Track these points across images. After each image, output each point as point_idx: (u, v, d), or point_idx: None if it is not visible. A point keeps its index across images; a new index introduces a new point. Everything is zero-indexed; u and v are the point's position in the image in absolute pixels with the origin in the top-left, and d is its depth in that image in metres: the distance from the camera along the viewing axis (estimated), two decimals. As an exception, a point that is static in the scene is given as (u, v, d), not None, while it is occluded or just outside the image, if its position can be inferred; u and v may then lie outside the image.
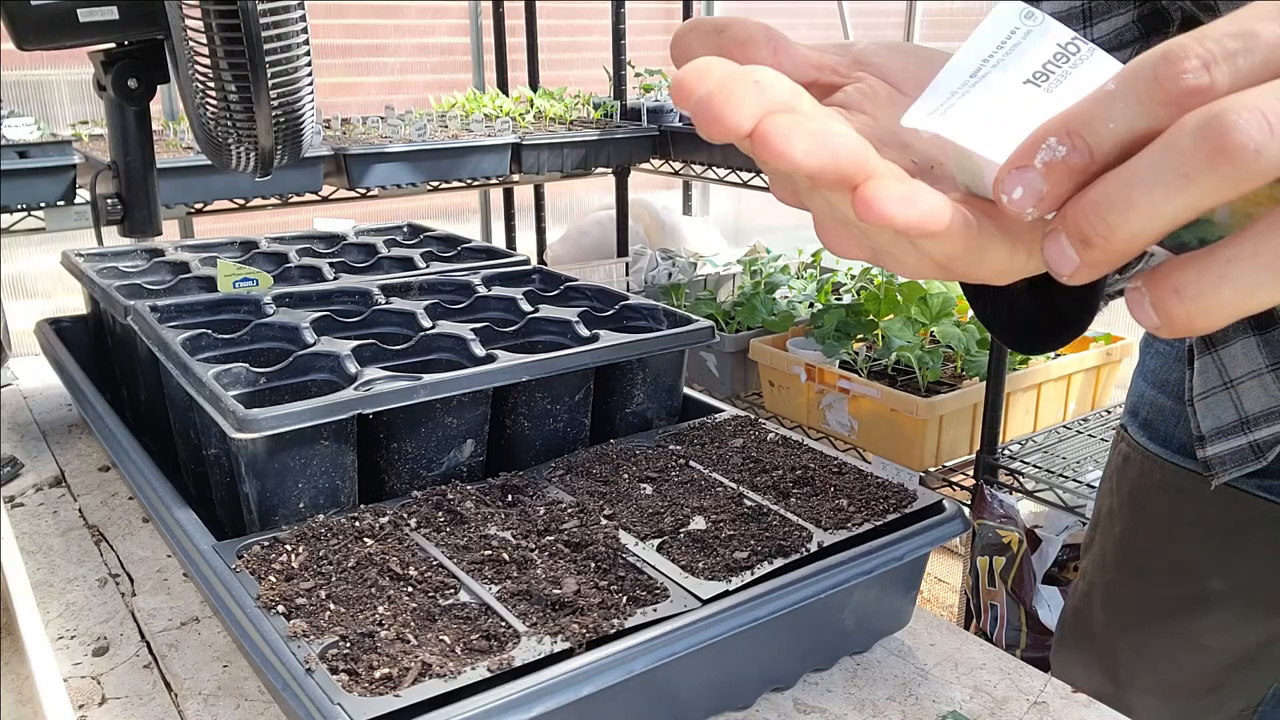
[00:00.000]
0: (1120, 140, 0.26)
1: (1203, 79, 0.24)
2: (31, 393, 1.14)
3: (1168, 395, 0.79)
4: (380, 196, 2.39)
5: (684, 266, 2.69)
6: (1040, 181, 0.27)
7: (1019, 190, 0.27)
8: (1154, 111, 0.25)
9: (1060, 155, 0.26)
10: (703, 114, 0.28)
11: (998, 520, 1.89)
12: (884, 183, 0.28)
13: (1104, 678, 0.83)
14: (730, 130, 0.28)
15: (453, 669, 0.49)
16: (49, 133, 2.03)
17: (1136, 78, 0.25)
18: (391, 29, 3.27)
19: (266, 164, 0.89)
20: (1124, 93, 0.26)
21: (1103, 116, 0.26)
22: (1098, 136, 0.26)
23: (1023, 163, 0.27)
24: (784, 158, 0.27)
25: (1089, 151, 0.26)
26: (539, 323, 0.86)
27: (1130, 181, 0.25)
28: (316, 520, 0.63)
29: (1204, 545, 0.76)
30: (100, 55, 0.95)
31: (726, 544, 0.61)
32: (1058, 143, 0.26)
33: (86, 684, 0.63)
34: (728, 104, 0.27)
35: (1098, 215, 0.26)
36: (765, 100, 0.28)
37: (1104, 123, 0.26)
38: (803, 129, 0.27)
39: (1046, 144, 0.27)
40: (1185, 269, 0.26)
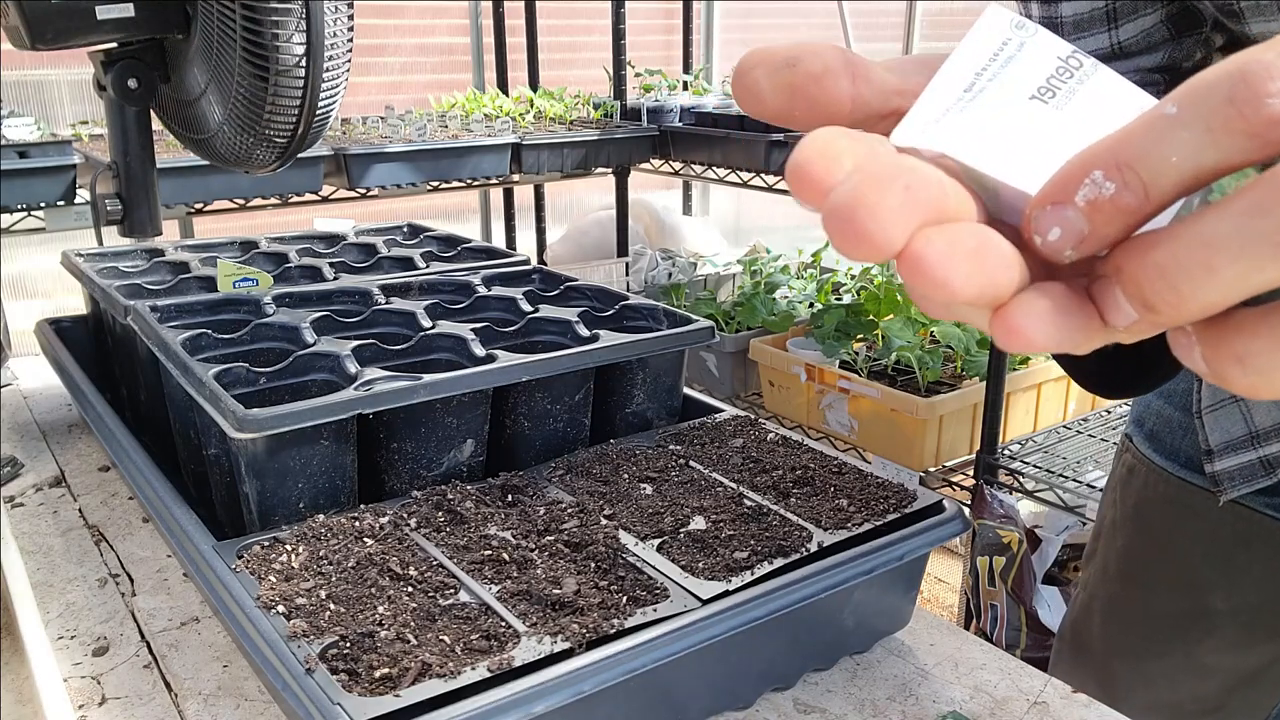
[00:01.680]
0: (1183, 177, 0.22)
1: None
2: (31, 393, 1.14)
3: (1175, 406, 0.76)
4: (380, 196, 2.39)
5: (684, 266, 2.69)
6: (1082, 222, 0.22)
7: (1056, 231, 0.23)
8: (1227, 143, 0.21)
9: (1108, 193, 0.22)
10: (843, 227, 0.23)
11: (998, 520, 1.89)
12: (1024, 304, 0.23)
13: (1101, 693, 0.81)
14: (877, 249, 0.23)
15: (453, 669, 0.49)
16: (49, 133, 2.03)
17: (1205, 101, 0.21)
18: (391, 29, 3.27)
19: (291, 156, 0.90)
20: (1189, 119, 0.21)
21: (1162, 148, 0.22)
22: (1155, 173, 0.22)
23: (1060, 198, 0.23)
24: (942, 287, 0.23)
25: (1143, 191, 0.22)
26: (539, 323, 0.86)
27: (1210, 246, 0.21)
28: (316, 520, 0.63)
29: (1208, 563, 0.74)
30: (100, 55, 0.95)
31: (726, 544, 0.61)
32: (1105, 178, 0.22)
33: (86, 684, 0.63)
34: (875, 218, 0.22)
35: (1166, 283, 0.22)
36: (918, 207, 0.23)
37: (1163, 156, 0.21)
38: (962, 248, 0.23)
39: (1091, 179, 0.22)
40: (1256, 335, 0.22)
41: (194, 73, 0.95)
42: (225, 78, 0.87)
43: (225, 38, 0.84)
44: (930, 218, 0.23)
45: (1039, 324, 0.23)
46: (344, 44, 0.86)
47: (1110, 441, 2.04)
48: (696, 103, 2.77)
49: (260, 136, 0.90)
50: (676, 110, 2.73)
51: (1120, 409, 2.19)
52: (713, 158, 2.57)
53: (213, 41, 0.87)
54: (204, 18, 0.86)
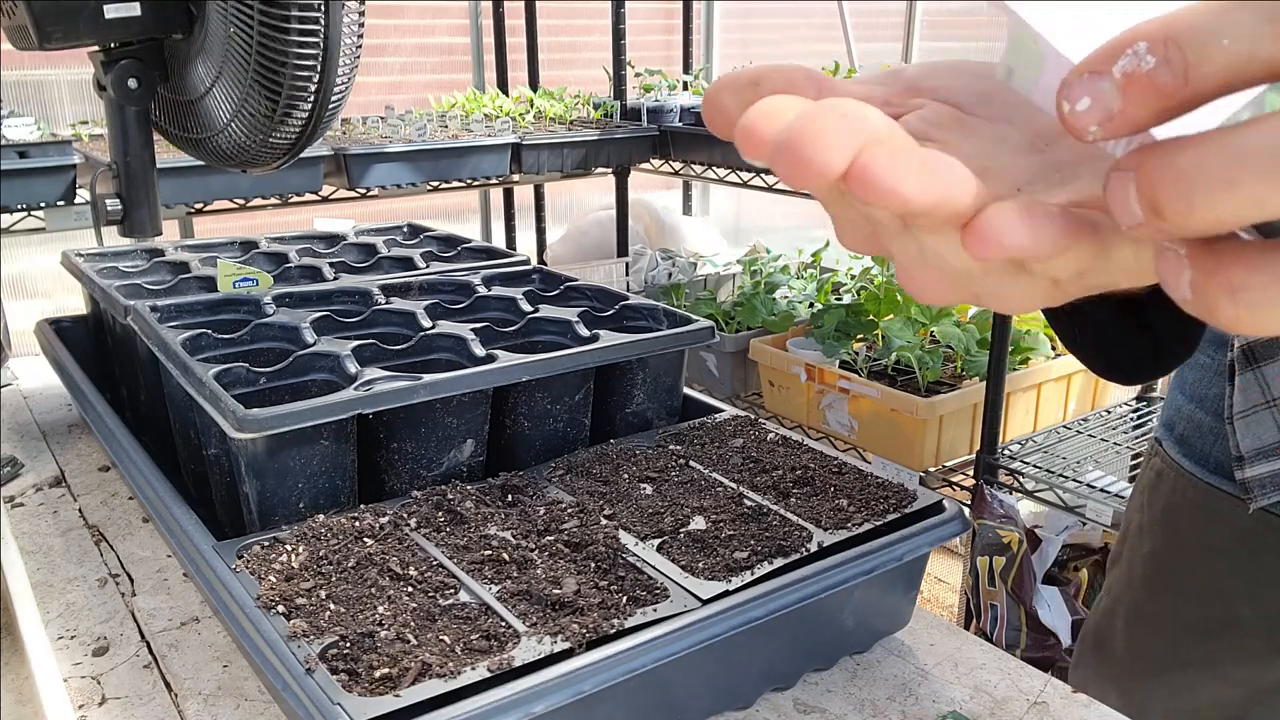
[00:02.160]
0: (1230, 66, 0.20)
1: None
2: (31, 393, 1.14)
3: (1206, 411, 0.75)
4: (380, 196, 2.39)
5: (684, 266, 2.69)
6: (1114, 96, 0.21)
7: (1085, 101, 0.21)
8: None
9: (1147, 67, 0.20)
10: (786, 158, 0.23)
11: (998, 520, 1.89)
12: (996, 211, 0.23)
13: (1122, 699, 0.80)
14: (821, 172, 0.23)
15: (453, 669, 0.49)
16: (49, 133, 2.03)
17: None
18: (391, 29, 3.27)
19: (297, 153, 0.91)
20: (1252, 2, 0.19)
21: (1216, 28, 0.20)
22: (1201, 53, 0.20)
23: (1098, 67, 0.21)
24: (892, 196, 0.23)
25: (1185, 71, 0.20)
26: (539, 323, 0.86)
27: (1239, 159, 0.19)
28: (316, 520, 0.63)
29: (1235, 570, 0.73)
30: (100, 55, 0.95)
31: (726, 544, 0.61)
32: (1148, 50, 0.20)
33: (86, 684, 0.63)
34: (815, 141, 0.23)
35: (1181, 188, 0.20)
36: (859, 132, 0.23)
37: (1215, 37, 0.20)
38: (908, 160, 0.23)
39: (1134, 49, 0.21)
40: (1255, 269, 0.21)
41: (197, 71, 0.95)
42: (237, 75, 0.88)
43: (240, 34, 0.85)
44: (877, 141, 0.23)
45: (1011, 225, 0.23)
46: (355, 41, 0.87)
47: (1110, 441, 2.04)
48: (696, 103, 2.77)
49: (270, 133, 0.91)
50: (676, 110, 2.73)
51: (1120, 410, 2.19)
52: (713, 158, 2.57)
53: (223, 39, 0.88)
54: (215, 16, 0.87)
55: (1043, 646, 1.84)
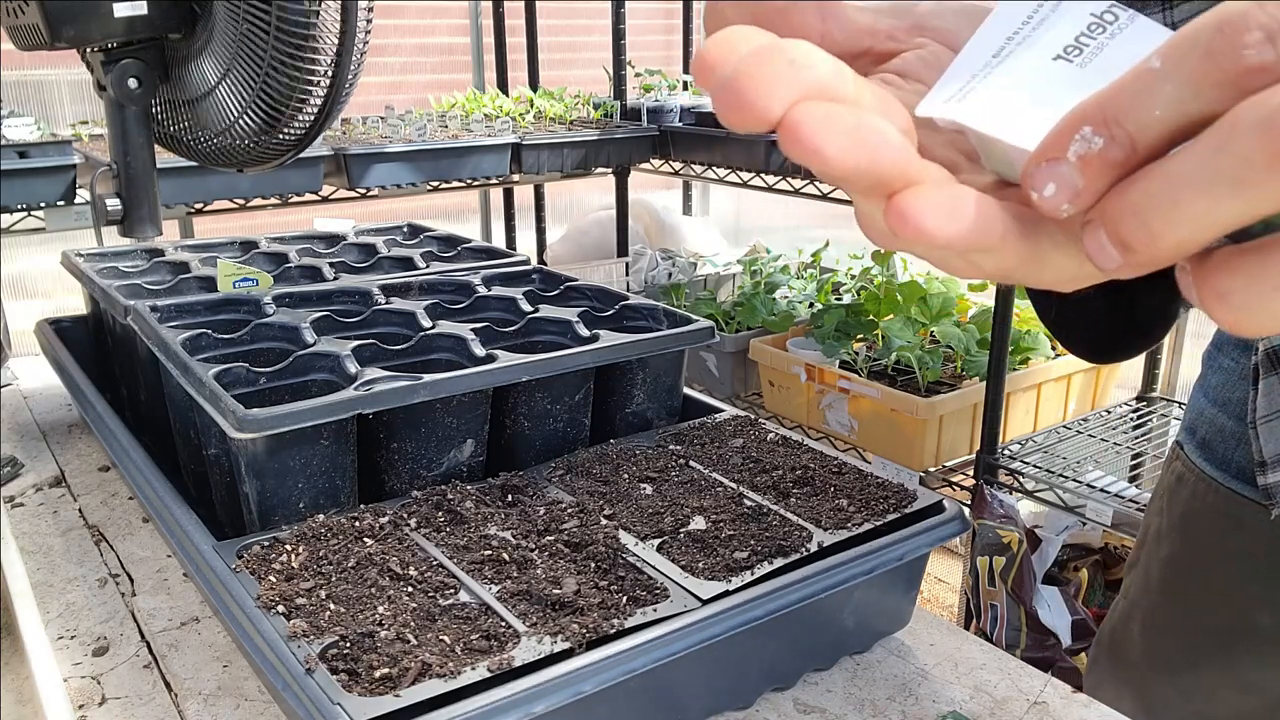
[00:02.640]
0: (1168, 129, 0.22)
1: (1267, 55, 0.21)
2: (31, 393, 1.14)
3: (1229, 415, 0.74)
4: (380, 196, 2.39)
5: (684, 266, 2.69)
6: (1075, 176, 0.23)
7: (1051, 187, 0.23)
8: (1207, 93, 0.21)
9: (1097, 147, 0.23)
10: (725, 97, 0.24)
11: (998, 520, 1.89)
12: (923, 191, 0.24)
13: (1137, 705, 0.79)
14: (756, 117, 0.23)
15: (453, 669, 0.49)
16: (49, 133, 2.03)
17: (1186, 53, 0.22)
18: (391, 29, 3.27)
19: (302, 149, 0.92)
20: (1171, 71, 0.22)
21: (1146, 100, 0.22)
22: (1141, 124, 0.22)
23: (1054, 155, 0.23)
24: (815, 156, 0.23)
25: (1130, 143, 0.22)
26: (539, 323, 0.86)
27: (1176, 184, 0.22)
28: (316, 520, 0.63)
29: (1255, 577, 0.72)
30: (100, 55, 0.95)
31: (726, 544, 0.61)
32: (1093, 132, 0.23)
33: (86, 684, 0.63)
34: (755, 86, 0.23)
35: (1139, 220, 0.22)
36: (801, 82, 0.23)
37: (1148, 108, 0.22)
38: (839, 123, 0.23)
39: (1080, 134, 0.23)
40: (1234, 273, 0.22)
41: (200, 70, 0.95)
42: (248, 72, 0.89)
43: (254, 32, 0.86)
44: (817, 95, 0.24)
45: (930, 211, 0.24)
46: (364, 37, 0.88)
47: (1110, 441, 2.04)
48: (696, 103, 2.77)
49: (279, 131, 0.92)
50: (676, 110, 2.72)
51: (1120, 410, 2.19)
52: (713, 158, 2.57)
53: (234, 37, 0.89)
54: (223, 14, 0.88)
55: (1043, 646, 1.84)
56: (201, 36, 0.94)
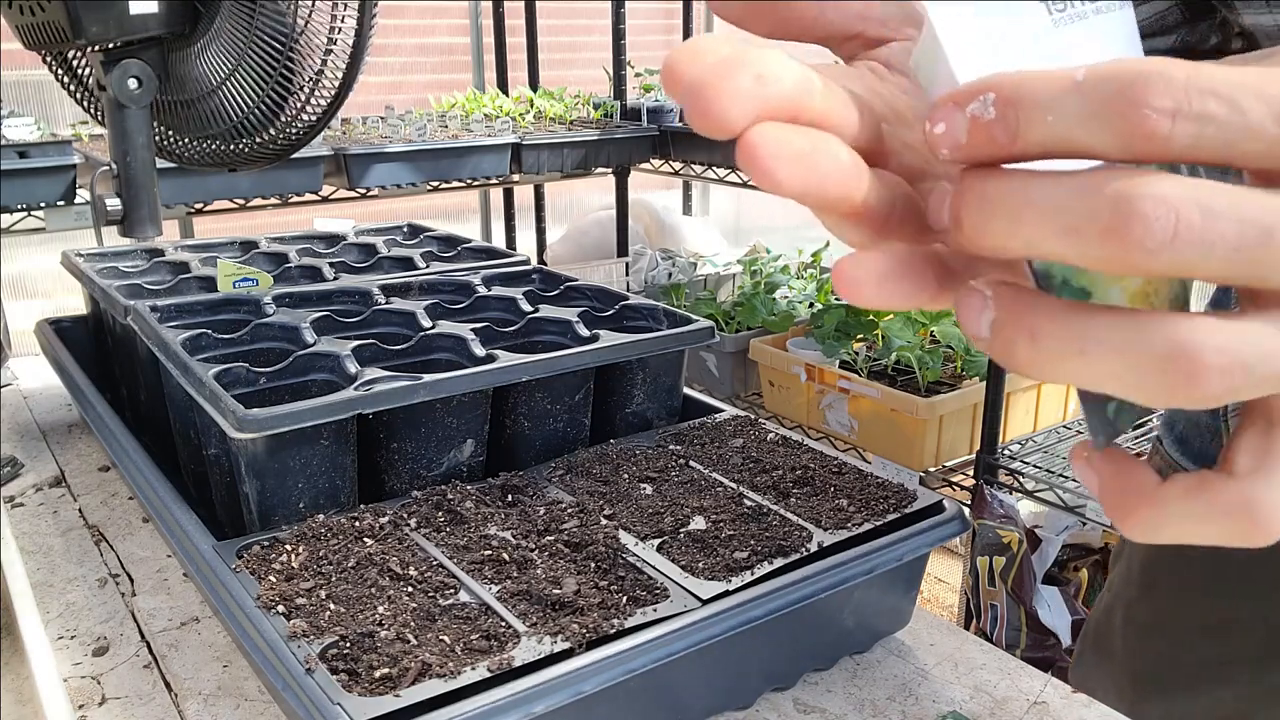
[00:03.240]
0: (1051, 140, 0.23)
1: (1162, 126, 0.21)
2: (31, 393, 1.14)
3: (1204, 410, 0.74)
4: (380, 196, 2.39)
5: (684, 266, 2.69)
6: (961, 132, 0.23)
7: (941, 126, 0.24)
8: (1098, 130, 0.22)
9: (988, 117, 0.23)
10: (690, 105, 0.24)
11: (998, 520, 1.89)
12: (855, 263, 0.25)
13: (1120, 699, 0.79)
14: (720, 128, 0.24)
15: (453, 669, 0.49)
16: (49, 133, 2.03)
17: (1105, 82, 0.22)
18: (391, 29, 3.28)
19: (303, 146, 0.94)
20: (1084, 90, 0.22)
21: (1048, 104, 0.22)
22: (1030, 123, 0.23)
23: (959, 101, 0.24)
24: (766, 177, 0.24)
25: (1013, 133, 0.23)
26: (539, 323, 0.86)
27: (1029, 199, 0.23)
28: (316, 520, 0.63)
29: (1233, 571, 0.73)
30: (100, 55, 0.95)
31: (726, 544, 0.61)
32: (992, 103, 0.23)
33: (86, 684, 0.63)
34: (718, 98, 0.24)
35: (980, 209, 0.23)
36: (763, 98, 0.24)
37: (1044, 111, 0.22)
38: (792, 147, 0.24)
39: (984, 97, 0.23)
40: (1053, 319, 0.23)
41: (202, 69, 0.96)
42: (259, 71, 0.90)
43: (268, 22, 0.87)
44: (781, 112, 0.24)
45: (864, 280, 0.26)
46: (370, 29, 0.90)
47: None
48: (696, 103, 2.76)
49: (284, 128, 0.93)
50: (676, 110, 2.72)
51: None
52: (713, 158, 2.57)
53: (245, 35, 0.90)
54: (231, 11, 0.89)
55: (1043, 646, 1.84)
56: (202, 35, 0.94)
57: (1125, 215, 0.21)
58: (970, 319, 0.24)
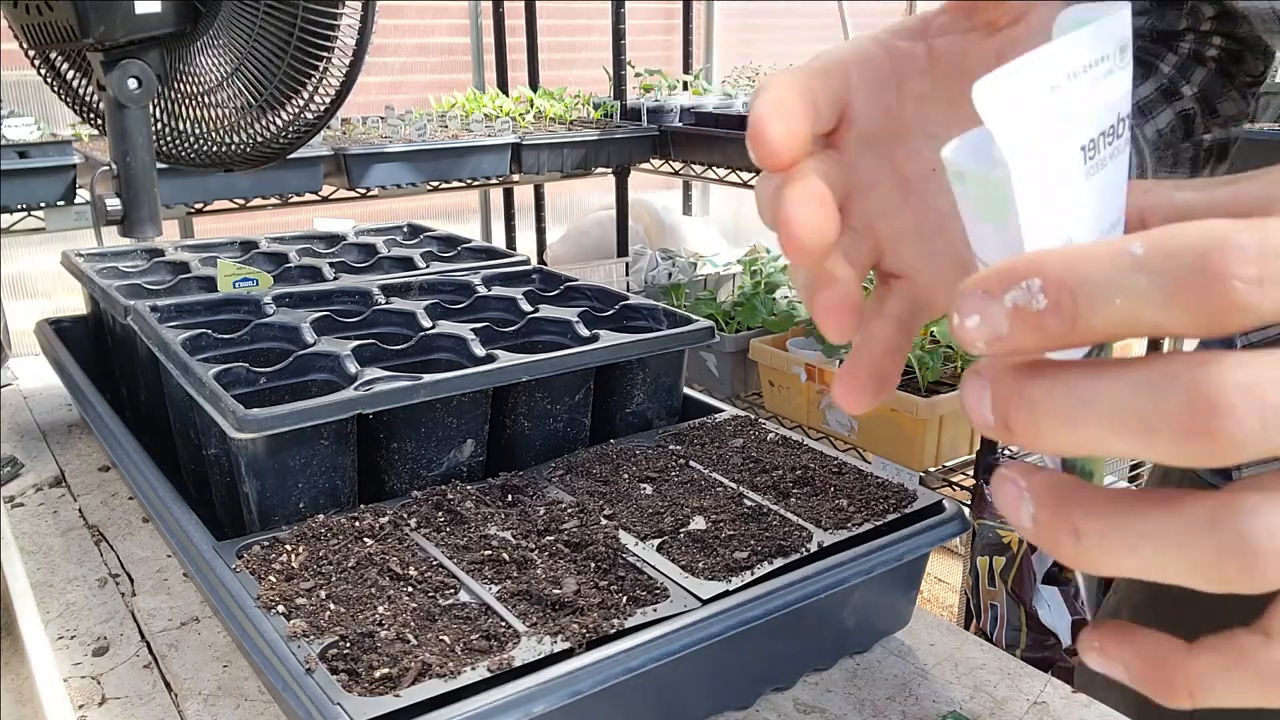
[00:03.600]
0: (1119, 324, 0.20)
1: (1252, 298, 0.19)
2: (31, 393, 1.14)
3: None
4: (380, 196, 2.39)
5: (684, 266, 2.69)
6: (1003, 323, 0.21)
7: (975, 319, 0.21)
8: (1177, 308, 0.20)
9: (1038, 306, 0.21)
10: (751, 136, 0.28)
11: (998, 520, 1.89)
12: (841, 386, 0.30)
13: (1126, 701, 0.80)
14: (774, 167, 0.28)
15: (453, 669, 0.49)
16: (49, 133, 2.03)
17: (1173, 257, 0.20)
18: (391, 29, 3.27)
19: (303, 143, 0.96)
20: (1150, 268, 0.20)
21: (1111, 286, 0.20)
22: (1092, 307, 0.20)
23: (992, 289, 0.21)
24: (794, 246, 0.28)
25: (1074, 320, 0.21)
26: (539, 323, 0.86)
27: (1089, 401, 0.21)
28: (316, 520, 0.63)
29: None
30: (100, 55, 0.95)
31: (726, 544, 0.61)
32: (1040, 289, 0.21)
33: (86, 684, 0.63)
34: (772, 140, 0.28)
35: (1032, 412, 0.21)
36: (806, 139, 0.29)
37: (1108, 295, 0.20)
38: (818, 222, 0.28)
39: (1027, 284, 0.21)
40: (1097, 514, 0.22)
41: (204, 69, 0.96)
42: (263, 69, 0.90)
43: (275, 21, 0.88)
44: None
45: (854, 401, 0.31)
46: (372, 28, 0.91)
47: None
48: (696, 103, 2.77)
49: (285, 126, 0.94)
50: (676, 110, 2.72)
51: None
52: (713, 158, 2.57)
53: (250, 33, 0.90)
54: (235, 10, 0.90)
55: (1043, 646, 1.84)
56: (203, 34, 0.94)
57: (1208, 413, 0.19)
58: (1011, 510, 0.23)
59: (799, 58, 0.34)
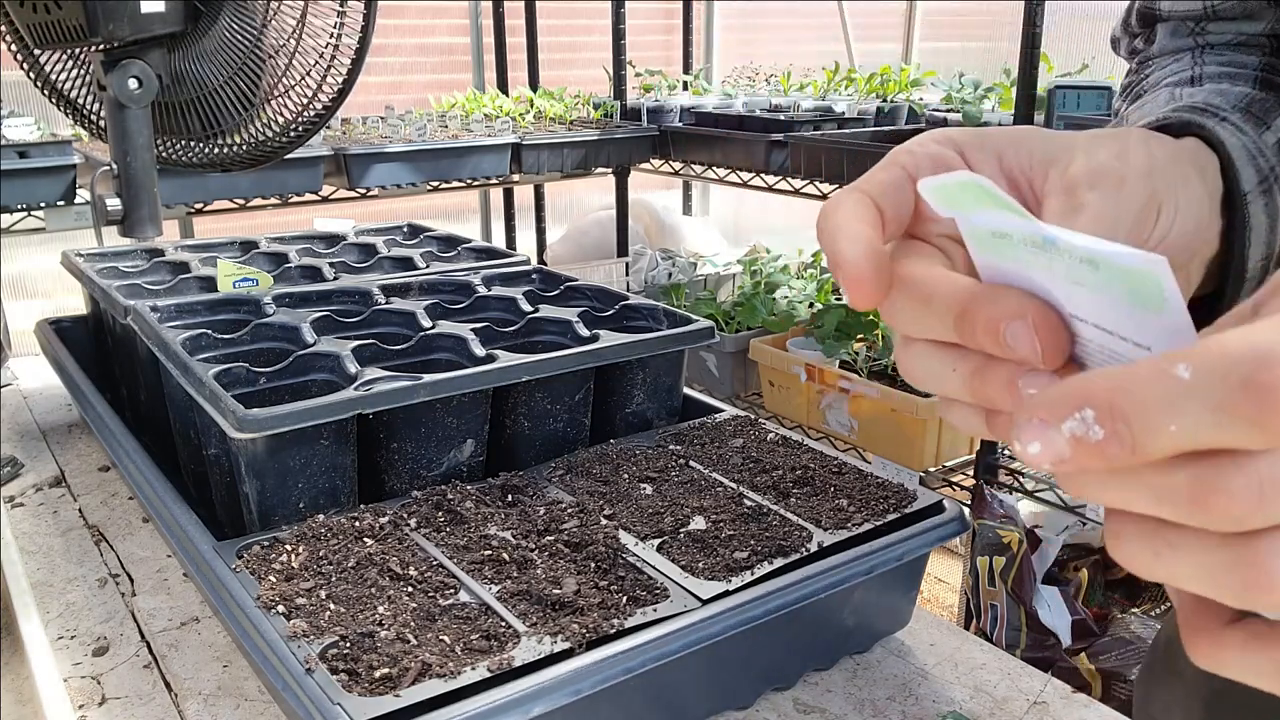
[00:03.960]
0: (1179, 446, 0.21)
1: None
2: (31, 393, 1.14)
3: None
4: (380, 196, 2.39)
5: (684, 266, 2.69)
6: (1064, 449, 0.22)
7: (1036, 446, 0.23)
8: (1231, 425, 0.20)
9: (1095, 438, 0.22)
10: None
11: (998, 520, 1.89)
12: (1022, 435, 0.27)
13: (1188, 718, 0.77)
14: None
15: (453, 669, 0.49)
16: (49, 133, 2.03)
17: (1221, 378, 0.20)
18: (391, 29, 3.27)
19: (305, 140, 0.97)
20: (1200, 391, 0.20)
21: (1163, 412, 0.21)
22: (1150, 434, 0.21)
23: (1048, 419, 0.22)
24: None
25: (1132, 446, 0.21)
26: (539, 323, 0.86)
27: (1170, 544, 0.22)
28: (316, 520, 0.63)
29: None
30: (101, 55, 0.95)
31: (726, 544, 0.61)
32: (1095, 420, 0.22)
33: (86, 684, 0.63)
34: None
35: (1116, 545, 0.23)
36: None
37: (1162, 421, 0.21)
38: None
39: (1081, 415, 0.22)
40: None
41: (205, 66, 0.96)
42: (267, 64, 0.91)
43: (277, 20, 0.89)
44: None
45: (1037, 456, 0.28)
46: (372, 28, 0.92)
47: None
48: (696, 103, 2.77)
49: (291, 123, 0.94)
50: (676, 110, 2.72)
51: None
52: (713, 158, 2.57)
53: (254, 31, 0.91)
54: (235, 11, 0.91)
55: (1043, 646, 1.84)
56: (203, 34, 0.95)
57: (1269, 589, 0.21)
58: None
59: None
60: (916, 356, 0.31)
